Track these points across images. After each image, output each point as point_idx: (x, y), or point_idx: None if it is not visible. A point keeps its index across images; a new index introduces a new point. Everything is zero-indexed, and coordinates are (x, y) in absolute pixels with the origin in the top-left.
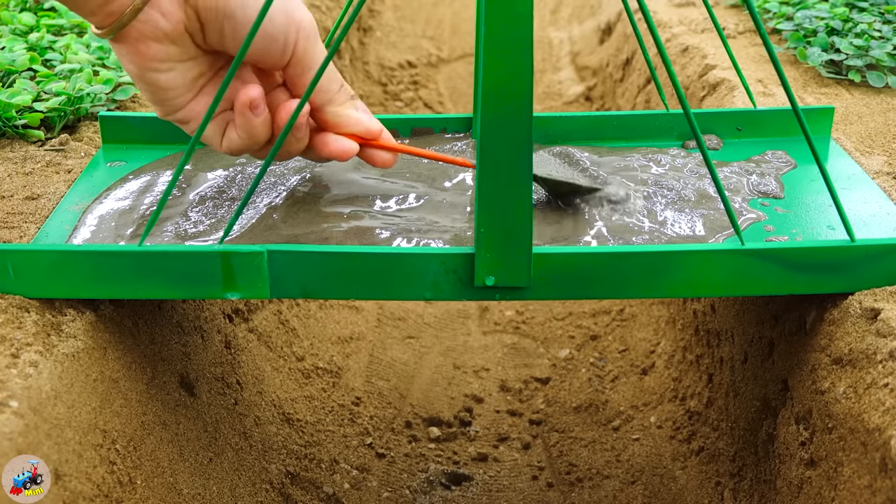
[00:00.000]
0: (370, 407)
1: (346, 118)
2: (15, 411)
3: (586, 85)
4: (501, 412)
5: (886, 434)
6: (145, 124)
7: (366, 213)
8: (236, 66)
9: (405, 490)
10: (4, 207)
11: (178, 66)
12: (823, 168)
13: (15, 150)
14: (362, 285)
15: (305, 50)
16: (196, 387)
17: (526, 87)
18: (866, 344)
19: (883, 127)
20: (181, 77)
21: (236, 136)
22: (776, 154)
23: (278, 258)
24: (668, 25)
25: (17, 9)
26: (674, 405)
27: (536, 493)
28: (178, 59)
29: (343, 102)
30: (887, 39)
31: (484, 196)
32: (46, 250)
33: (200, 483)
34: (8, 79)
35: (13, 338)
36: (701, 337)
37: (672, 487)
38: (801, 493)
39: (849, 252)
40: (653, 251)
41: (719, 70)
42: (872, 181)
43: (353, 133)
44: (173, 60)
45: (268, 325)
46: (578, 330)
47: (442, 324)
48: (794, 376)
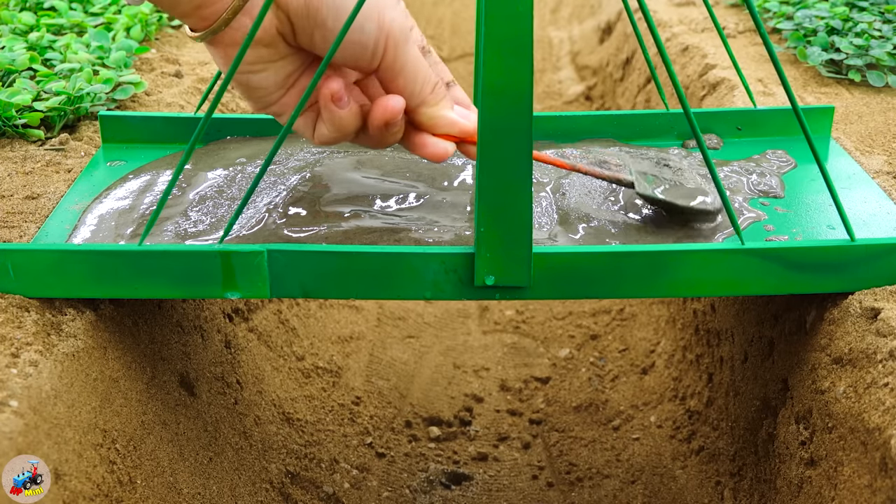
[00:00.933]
0: (370, 406)
1: (439, 120)
2: (15, 411)
3: (586, 84)
4: (501, 412)
5: (886, 433)
6: (145, 124)
7: (366, 213)
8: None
9: (405, 490)
10: (4, 207)
11: (270, 66)
12: (823, 167)
13: (15, 150)
14: (362, 285)
15: (395, 57)
16: (196, 386)
17: (526, 87)
18: (866, 343)
19: (883, 126)
20: (273, 76)
21: (325, 129)
22: (776, 153)
23: (278, 258)
24: (668, 25)
25: (17, 8)
26: (674, 405)
27: (536, 492)
28: (270, 60)
29: (437, 103)
30: (887, 39)
31: (484, 196)
32: (46, 250)
33: (200, 482)
34: (8, 78)
35: (13, 337)
36: (701, 336)
37: (672, 487)
38: (801, 492)
39: (849, 252)
40: (653, 251)
41: (719, 69)
42: (872, 181)
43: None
44: (265, 62)
45: (268, 324)
46: (578, 329)
47: (442, 323)
48: (794, 376)
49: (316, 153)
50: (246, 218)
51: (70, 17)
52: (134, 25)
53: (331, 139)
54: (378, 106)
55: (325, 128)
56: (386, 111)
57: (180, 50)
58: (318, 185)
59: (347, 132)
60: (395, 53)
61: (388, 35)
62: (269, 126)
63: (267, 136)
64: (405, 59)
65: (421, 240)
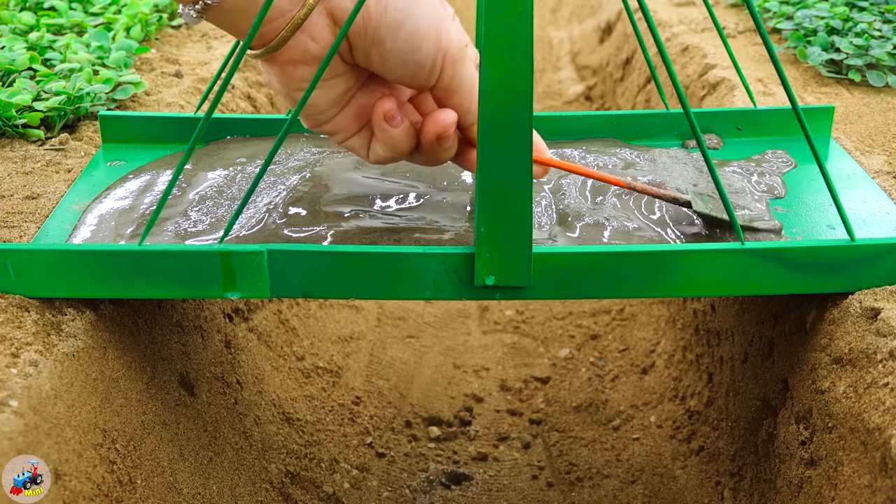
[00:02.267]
0: (370, 406)
1: None
2: (15, 411)
3: (586, 84)
4: (501, 412)
5: (886, 433)
6: (145, 124)
7: (366, 213)
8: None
9: (405, 489)
10: (4, 207)
11: (325, 84)
12: (823, 167)
13: (15, 150)
14: (362, 285)
15: (452, 76)
16: (196, 386)
17: (526, 87)
18: (866, 343)
19: (883, 126)
20: (328, 94)
21: (379, 149)
22: (776, 153)
23: (278, 257)
24: (668, 25)
25: (17, 8)
26: (674, 405)
27: (536, 492)
28: (325, 78)
29: None
30: (887, 39)
31: (484, 196)
32: (46, 250)
33: (200, 482)
34: (8, 78)
35: (13, 337)
36: (701, 336)
37: (672, 487)
38: (801, 492)
39: (849, 251)
40: (653, 251)
41: (719, 69)
42: (872, 180)
43: None
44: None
45: (268, 324)
46: (578, 329)
47: (442, 323)
48: (794, 376)
49: (316, 153)
50: (246, 218)
51: (70, 17)
52: (134, 25)
53: (386, 158)
54: (430, 120)
55: (379, 147)
56: (437, 125)
57: (180, 50)
58: (318, 185)
59: (402, 150)
60: (452, 72)
61: (446, 54)
62: (269, 126)
63: (267, 136)
64: (461, 77)
65: (421, 240)
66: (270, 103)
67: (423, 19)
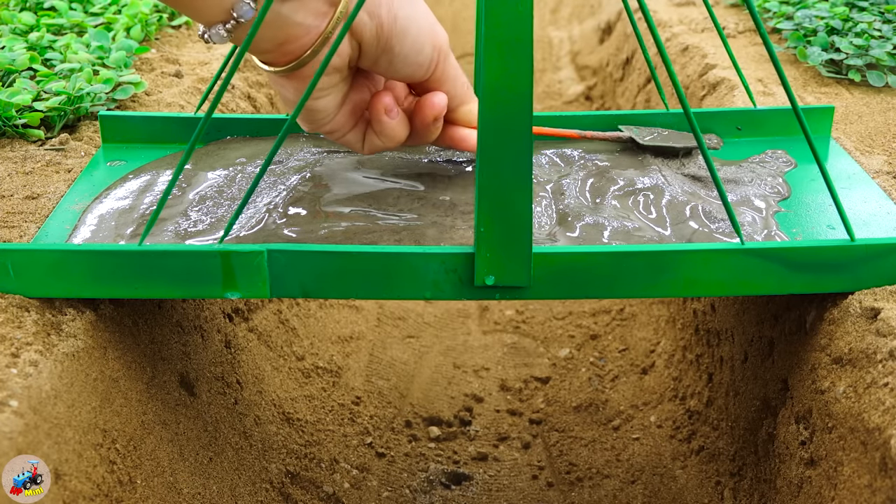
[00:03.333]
0: (370, 406)
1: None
2: (15, 411)
3: (586, 84)
4: (501, 412)
5: (886, 433)
6: (145, 124)
7: (366, 213)
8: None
9: (405, 489)
10: (4, 207)
11: (333, 90)
12: (823, 167)
13: (15, 150)
14: (362, 285)
15: (443, 70)
16: (196, 386)
17: (526, 87)
18: (866, 343)
19: (883, 126)
20: (334, 99)
21: (378, 140)
22: (776, 153)
23: (278, 258)
24: (668, 25)
25: (17, 8)
26: (674, 404)
27: (536, 492)
28: (333, 85)
29: (472, 99)
30: (887, 39)
31: (484, 196)
32: (46, 250)
33: (200, 482)
34: (8, 78)
35: (13, 337)
36: (701, 336)
37: (672, 487)
38: (801, 492)
39: (849, 251)
40: (653, 251)
41: (719, 69)
42: (872, 181)
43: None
44: (330, 87)
45: (268, 324)
46: (578, 329)
47: (442, 323)
48: (794, 376)
49: (316, 153)
50: (246, 218)
51: (70, 17)
52: (134, 25)
53: (382, 147)
54: (426, 105)
55: (377, 139)
56: (434, 108)
57: (180, 50)
58: (318, 185)
59: (399, 139)
60: (444, 66)
61: (440, 52)
62: (269, 126)
63: (267, 137)
64: (449, 68)
65: (421, 240)
66: (270, 103)
67: (423, 23)
